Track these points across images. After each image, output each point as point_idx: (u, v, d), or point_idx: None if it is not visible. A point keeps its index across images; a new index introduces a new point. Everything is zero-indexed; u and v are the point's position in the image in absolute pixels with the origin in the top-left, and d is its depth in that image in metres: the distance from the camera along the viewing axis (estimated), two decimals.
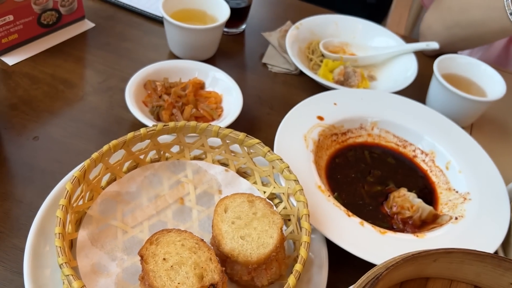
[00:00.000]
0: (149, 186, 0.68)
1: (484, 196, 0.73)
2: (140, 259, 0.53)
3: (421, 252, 0.55)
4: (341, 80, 0.95)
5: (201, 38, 0.93)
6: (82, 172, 0.59)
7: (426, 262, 0.55)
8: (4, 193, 0.69)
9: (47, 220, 0.61)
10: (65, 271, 0.49)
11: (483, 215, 0.70)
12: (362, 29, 1.08)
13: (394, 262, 0.52)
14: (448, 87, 0.87)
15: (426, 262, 0.55)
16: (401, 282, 0.57)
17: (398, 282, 0.57)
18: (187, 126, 0.68)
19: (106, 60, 0.95)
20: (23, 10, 0.90)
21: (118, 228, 0.62)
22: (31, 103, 0.83)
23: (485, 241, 0.66)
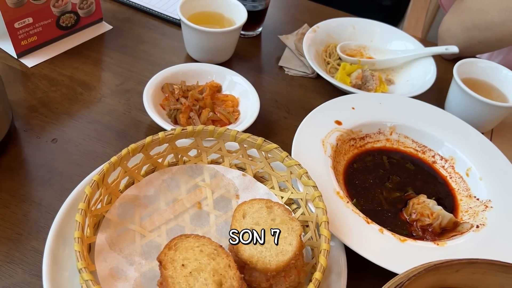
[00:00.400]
0: (167, 190, 0.68)
1: (506, 204, 0.72)
2: (159, 264, 0.53)
3: (444, 262, 0.54)
4: (358, 84, 0.94)
5: (218, 41, 0.93)
6: (101, 176, 0.59)
7: (448, 272, 0.54)
8: (23, 195, 0.69)
9: (65, 223, 0.62)
10: (84, 276, 0.49)
11: (506, 223, 0.69)
12: (379, 32, 1.07)
13: (416, 271, 0.51)
14: (468, 91, 0.86)
15: (448, 272, 0.54)
16: None
17: None
18: (205, 130, 0.68)
19: (123, 62, 0.95)
20: (42, 13, 0.91)
21: (136, 232, 0.62)
22: (50, 105, 0.84)
23: (508, 251, 0.65)
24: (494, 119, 0.90)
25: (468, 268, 0.54)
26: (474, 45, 1.02)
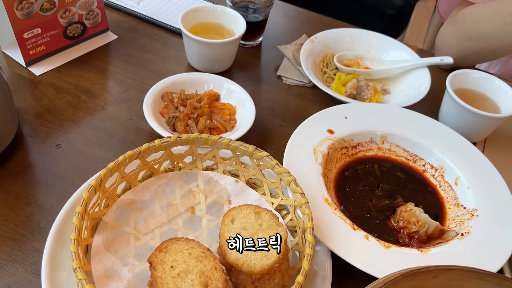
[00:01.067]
0: (162, 195, 0.71)
1: (492, 213, 0.74)
2: (150, 265, 0.56)
3: (421, 268, 0.56)
4: (353, 94, 0.96)
5: (218, 51, 0.97)
6: (98, 181, 0.63)
7: (426, 278, 0.57)
8: (27, 198, 0.73)
9: (65, 225, 0.65)
10: (79, 275, 0.53)
11: (490, 232, 0.71)
12: (376, 42, 1.09)
13: (393, 277, 0.54)
14: (460, 103, 0.88)
15: (426, 278, 0.56)
16: None
17: None
18: (199, 138, 0.71)
19: (127, 71, 0.99)
20: (50, 23, 0.95)
21: (131, 235, 0.65)
22: (55, 112, 0.88)
23: (489, 259, 0.67)
24: (487, 129, 0.91)
25: (446, 274, 0.56)
26: (469, 56, 1.04)
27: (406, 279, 0.54)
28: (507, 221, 0.72)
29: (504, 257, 0.67)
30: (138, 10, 1.14)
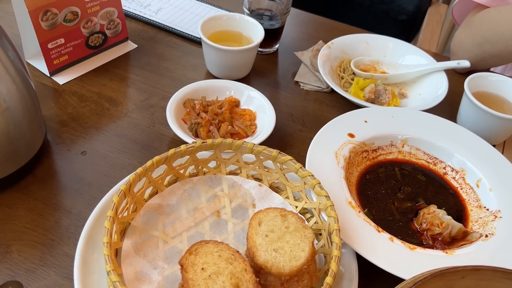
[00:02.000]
0: (188, 199, 0.72)
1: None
2: (180, 268, 0.57)
3: (450, 268, 0.57)
4: (371, 98, 0.97)
5: (237, 59, 0.98)
6: (128, 185, 0.64)
7: (454, 279, 0.57)
8: (55, 204, 0.75)
9: (94, 229, 0.66)
10: (112, 277, 0.54)
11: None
12: (392, 47, 1.10)
13: (422, 277, 0.54)
14: (479, 105, 0.88)
15: (454, 278, 0.57)
16: None
17: None
18: (223, 143, 0.72)
19: (147, 79, 1.01)
20: (73, 34, 0.97)
21: (159, 239, 0.67)
22: (79, 119, 0.89)
23: None
24: (506, 131, 0.92)
25: (474, 274, 0.57)
26: (486, 59, 1.04)
27: (435, 279, 0.55)
28: None
29: None
30: (156, 20, 1.17)
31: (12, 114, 0.70)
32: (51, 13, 0.92)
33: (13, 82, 0.70)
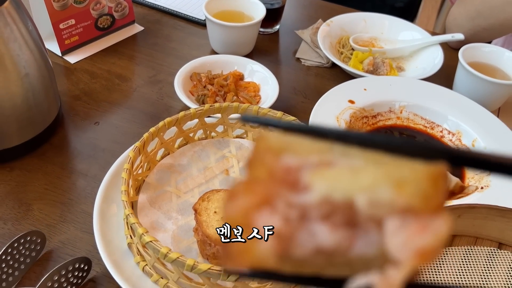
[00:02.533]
0: (198, 160, 0.76)
1: None
2: (194, 213, 0.61)
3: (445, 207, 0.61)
4: (370, 70, 1.01)
5: (240, 35, 1.02)
6: (142, 143, 0.68)
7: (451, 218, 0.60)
8: (72, 168, 0.79)
9: (110, 188, 0.70)
10: (131, 220, 0.58)
11: (508, 184, 0.75)
12: (389, 24, 1.14)
13: None
14: (473, 72, 0.92)
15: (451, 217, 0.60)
16: None
17: None
18: (230, 107, 0.76)
19: (154, 58, 1.05)
20: (83, 15, 1.02)
21: (172, 193, 0.70)
22: (92, 94, 0.94)
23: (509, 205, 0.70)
24: (500, 97, 0.96)
25: (469, 213, 0.60)
26: (479, 33, 1.08)
27: None
28: None
29: None
30: (161, 4, 1.21)
31: (30, 81, 0.74)
32: None
33: (32, 52, 0.74)
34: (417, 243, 0.23)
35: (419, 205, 0.24)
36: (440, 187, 0.24)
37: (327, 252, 0.25)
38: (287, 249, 0.25)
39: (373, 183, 0.24)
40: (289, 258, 0.26)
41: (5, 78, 0.71)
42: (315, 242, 0.25)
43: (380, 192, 0.24)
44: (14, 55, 0.71)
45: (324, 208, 0.25)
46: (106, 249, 0.62)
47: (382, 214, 0.24)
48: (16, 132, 0.76)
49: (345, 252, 0.25)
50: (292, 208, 0.25)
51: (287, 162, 0.26)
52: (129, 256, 0.63)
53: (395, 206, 0.24)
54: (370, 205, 0.24)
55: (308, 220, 0.25)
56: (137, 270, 0.61)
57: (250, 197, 0.26)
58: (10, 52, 0.71)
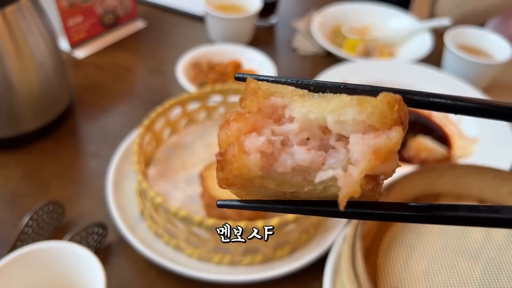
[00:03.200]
0: (202, 138, 0.82)
1: (491, 140, 0.83)
2: (200, 179, 0.67)
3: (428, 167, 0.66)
4: (362, 56, 1.07)
5: (237, 26, 1.09)
6: (149, 121, 0.74)
7: (434, 176, 0.66)
8: (84, 150, 0.85)
9: (121, 165, 0.76)
10: (143, 185, 0.63)
11: (490, 154, 0.80)
12: (379, 14, 1.21)
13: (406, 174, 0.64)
14: (458, 54, 0.98)
15: (434, 176, 0.66)
16: (416, 197, 0.68)
17: (413, 196, 0.67)
18: (231, 88, 0.82)
19: (157, 51, 1.12)
20: (89, 13, 1.08)
21: (179, 167, 0.76)
22: (100, 85, 1.00)
23: None
24: (484, 76, 1.01)
25: (451, 171, 0.66)
26: (466, 18, 1.14)
27: (415, 175, 0.64)
28: (505, 144, 0.82)
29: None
30: (162, 2, 1.27)
31: (45, 69, 0.81)
32: None
33: (47, 43, 0.81)
34: (372, 143, 0.28)
35: (377, 123, 0.28)
36: (395, 110, 0.29)
37: (303, 169, 0.30)
38: (271, 165, 0.30)
39: (340, 106, 0.29)
40: (272, 175, 0.30)
41: (23, 66, 0.77)
42: (294, 160, 0.29)
43: (346, 113, 0.29)
44: (31, 45, 0.77)
45: (303, 134, 0.30)
46: (121, 216, 0.68)
47: (347, 132, 0.29)
48: (33, 117, 0.82)
49: (318, 168, 0.30)
50: (276, 135, 0.30)
51: (274, 101, 0.31)
52: (142, 223, 0.68)
53: (358, 124, 0.29)
54: (337, 123, 0.29)
55: (288, 145, 0.30)
56: (149, 234, 0.67)
57: (241, 124, 0.30)
58: (27, 43, 0.77)
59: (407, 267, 0.59)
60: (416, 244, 0.62)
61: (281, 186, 0.30)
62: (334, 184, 0.29)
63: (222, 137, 0.30)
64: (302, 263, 0.63)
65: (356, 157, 0.28)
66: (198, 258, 0.63)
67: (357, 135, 0.29)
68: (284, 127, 0.30)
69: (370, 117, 0.28)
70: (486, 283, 0.58)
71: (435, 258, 0.60)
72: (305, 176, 0.30)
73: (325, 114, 0.29)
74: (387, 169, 0.29)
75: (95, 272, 0.52)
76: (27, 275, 0.53)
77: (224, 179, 0.29)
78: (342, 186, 0.27)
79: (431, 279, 0.58)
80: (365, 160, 0.27)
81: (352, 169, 0.28)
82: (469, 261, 0.60)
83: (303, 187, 0.30)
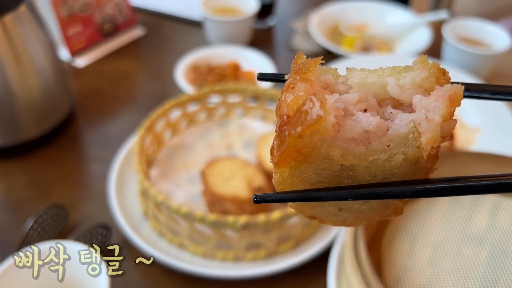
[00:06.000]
0: (203, 138, 0.82)
1: (493, 129, 0.83)
2: (202, 176, 0.67)
3: None
4: (361, 52, 1.07)
5: (236, 28, 1.09)
6: (150, 122, 0.75)
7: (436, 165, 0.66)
8: (87, 155, 0.85)
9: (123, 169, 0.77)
10: (145, 184, 0.64)
11: (492, 142, 0.80)
12: (376, 10, 1.21)
13: None
14: (456, 45, 0.98)
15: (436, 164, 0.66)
16: None
17: None
18: (229, 88, 0.83)
19: (157, 56, 1.13)
20: (88, 22, 1.09)
21: (181, 167, 0.77)
22: (101, 92, 1.01)
23: None
24: (483, 66, 1.01)
25: (452, 159, 0.66)
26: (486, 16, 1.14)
27: None
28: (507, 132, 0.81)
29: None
30: (161, 9, 1.29)
31: (46, 77, 0.82)
32: (69, 4, 1.04)
33: (46, 51, 0.82)
34: (445, 90, 0.27)
35: (434, 84, 0.28)
36: (445, 73, 0.29)
37: (368, 136, 0.29)
38: (343, 133, 0.28)
39: (396, 71, 0.30)
40: (338, 143, 0.28)
41: (23, 74, 0.78)
42: (361, 125, 0.29)
43: (404, 76, 0.29)
44: (31, 53, 0.78)
45: (361, 105, 0.30)
46: (124, 217, 0.68)
47: (407, 95, 0.29)
48: (35, 124, 0.83)
49: (384, 133, 0.29)
50: (337, 103, 0.29)
51: (325, 77, 0.31)
52: (145, 223, 0.69)
53: (416, 87, 0.29)
54: (398, 86, 0.29)
55: (352, 114, 0.29)
56: (153, 234, 0.67)
57: (308, 86, 0.28)
58: (27, 50, 0.78)
59: (411, 255, 0.59)
60: (420, 232, 0.62)
61: (345, 156, 0.29)
62: (405, 145, 0.28)
63: (291, 99, 0.28)
64: (306, 257, 0.63)
65: (434, 106, 0.27)
66: (202, 255, 0.63)
67: (419, 95, 0.28)
68: (344, 96, 0.30)
69: (430, 76, 0.29)
70: (491, 269, 0.57)
71: (439, 246, 0.60)
72: (368, 146, 0.29)
73: (384, 77, 0.30)
74: (451, 127, 0.29)
75: (99, 272, 0.52)
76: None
77: (292, 145, 0.27)
78: (424, 131, 0.27)
79: (435, 267, 0.57)
80: (443, 105, 0.27)
81: (432, 114, 0.27)
82: (474, 247, 0.60)
83: (367, 158, 0.29)
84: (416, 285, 0.56)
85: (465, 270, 0.57)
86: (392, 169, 0.29)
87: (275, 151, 0.28)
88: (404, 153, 0.28)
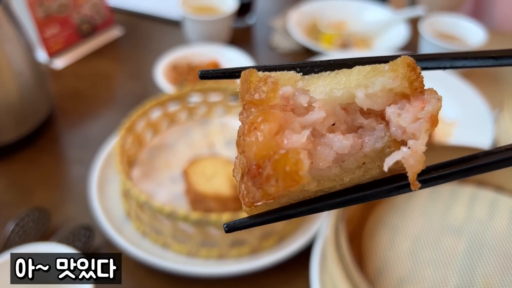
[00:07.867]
0: (184, 138, 0.82)
1: (469, 122, 0.85)
2: (184, 175, 0.67)
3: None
4: (340, 49, 1.09)
5: (214, 27, 1.10)
6: (130, 121, 0.74)
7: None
8: (67, 157, 0.85)
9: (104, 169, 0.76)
10: (127, 185, 0.64)
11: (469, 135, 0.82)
12: (353, 7, 1.23)
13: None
14: (432, 41, 1.00)
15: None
16: None
17: None
18: (210, 87, 0.83)
19: (136, 56, 1.12)
20: (65, 23, 1.08)
21: (163, 166, 0.77)
22: (80, 93, 1.00)
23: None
24: None
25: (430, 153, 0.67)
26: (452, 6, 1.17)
27: None
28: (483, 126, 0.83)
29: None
30: (139, 9, 1.28)
31: (24, 79, 0.81)
32: (45, 5, 1.03)
33: (24, 53, 0.81)
34: (425, 112, 0.26)
35: (408, 89, 0.26)
36: (417, 71, 0.27)
37: (341, 157, 0.27)
38: (316, 164, 0.26)
39: (364, 77, 0.26)
40: (315, 174, 0.26)
41: (0, 77, 0.77)
42: (334, 151, 0.26)
43: (373, 84, 0.26)
44: (8, 56, 0.77)
45: (330, 120, 0.27)
46: (107, 218, 0.67)
47: (378, 105, 0.26)
48: (13, 127, 0.82)
49: (359, 151, 0.27)
50: (305, 128, 0.26)
51: (284, 91, 0.27)
52: (128, 224, 0.68)
53: (387, 94, 0.26)
54: (368, 97, 0.26)
55: (321, 135, 0.27)
56: (136, 235, 0.67)
57: (272, 124, 0.26)
58: (3, 53, 0.77)
59: (392, 247, 0.60)
60: (400, 225, 0.63)
61: (321, 184, 0.27)
62: (381, 159, 0.26)
63: (258, 146, 0.25)
64: (289, 252, 0.64)
65: (412, 129, 0.26)
66: (186, 254, 0.64)
67: (393, 107, 0.26)
68: (310, 116, 0.27)
69: (403, 82, 0.26)
70: (469, 258, 0.59)
71: (419, 237, 0.61)
72: (342, 165, 0.27)
73: (351, 89, 0.27)
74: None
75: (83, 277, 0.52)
76: None
77: (267, 194, 0.25)
78: (410, 165, 0.25)
79: (415, 257, 0.59)
80: (425, 130, 0.26)
81: (414, 143, 0.26)
82: (452, 237, 0.61)
83: (342, 178, 0.27)
84: (397, 276, 0.57)
85: (444, 260, 0.59)
86: (367, 180, 0.28)
87: (244, 197, 0.26)
88: (379, 167, 0.26)
